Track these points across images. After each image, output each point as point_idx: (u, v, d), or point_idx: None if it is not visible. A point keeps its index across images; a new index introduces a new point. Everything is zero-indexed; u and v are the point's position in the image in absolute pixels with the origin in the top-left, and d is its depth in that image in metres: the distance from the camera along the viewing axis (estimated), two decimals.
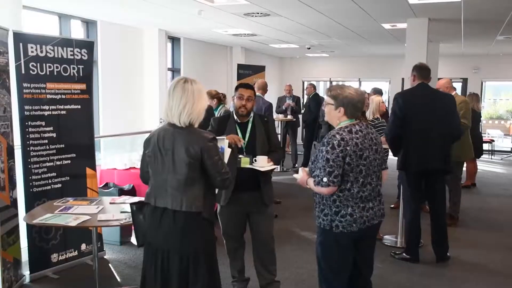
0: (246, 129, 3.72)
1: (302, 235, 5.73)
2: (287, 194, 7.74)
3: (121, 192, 5.20)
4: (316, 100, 9.86)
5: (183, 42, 10.40)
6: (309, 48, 11.98)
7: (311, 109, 9.85)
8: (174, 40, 10.37)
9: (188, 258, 2.71)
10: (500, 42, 10.20)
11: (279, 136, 8.59)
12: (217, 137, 2.90)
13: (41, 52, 4.28)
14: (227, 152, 3.23)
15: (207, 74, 11.15)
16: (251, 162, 3.61)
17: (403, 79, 11.69)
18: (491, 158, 12.65)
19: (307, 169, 3.01)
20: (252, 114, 3.76)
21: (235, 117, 3.74)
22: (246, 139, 3.69)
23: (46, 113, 4.37)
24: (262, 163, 3.60)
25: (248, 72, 11.23)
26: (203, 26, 8.52)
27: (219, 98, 6.11)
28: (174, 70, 10.42)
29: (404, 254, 4.95)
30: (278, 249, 4.88)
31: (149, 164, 2.79)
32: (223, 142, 3.22)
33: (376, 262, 3.63)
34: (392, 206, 6.83)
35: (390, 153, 5.06)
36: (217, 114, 5.81)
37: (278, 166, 9.21)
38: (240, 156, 3.61)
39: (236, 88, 3.76)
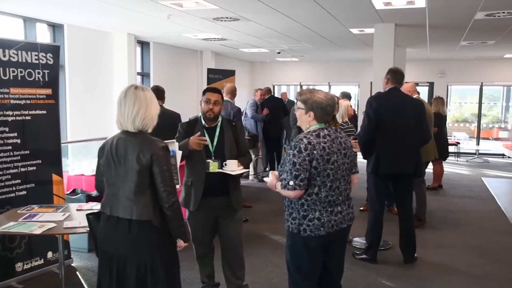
0: (214, 134, 3.71)
1: (273, 239, 5.74)
2: (258, 198, 7.75)
3: (89, 198, 5.11)
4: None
5: (153, 47, 10.33)
6: (279, 53, 12.05)
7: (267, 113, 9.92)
8: (144, 45, 10.28)
9: (146, 266, 2.69)
10: (464, 47, 10.48)
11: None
12: (166, 141, 2.90)
13: (4, 56, 4.17)
14: (179, 154, 3.22)
15: (177, 79, 11.10)
16: (220, 167, 3.60)
17: (371, 83, 11.87)
18: (457, 160, 12.95)
19: (276, 172, 3.02)
20: (220, 119, 3.75)
21: (203, 121, 3.74)
22: (215, 143, 3.69)
23: (9, 118, 4.26)
24: (233, 167, 3.60)
25: (218, 77, 11.20)
26: (172, 30, 8.47)
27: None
28: (144, 75, 10.33)
29: (363, 254, 5.03)
30: (249, 253, 4.89)
31: (103, 173, 2.77)
32: (174, 145, 3.21)
33: (346, 265, 3.67)
34: (361, 208, 6.92)
35: (360, 156, 5.13)
36: None
37: (249, 171, 9.19)
38: (208, 160, 3.61)
39: (204, 92, 3.75)
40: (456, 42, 9.74)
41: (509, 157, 13.05)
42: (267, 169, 9.86)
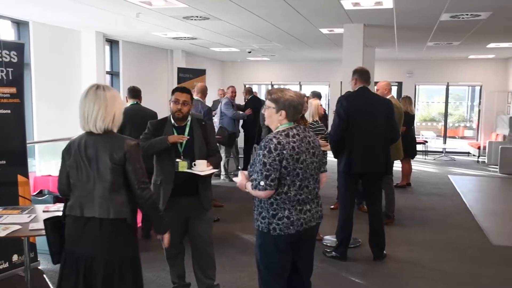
0: (183, 133, 3.70)
1: (245, 239, 5.75)
2: (230, 197, 7.74)
3: (57, 199, 5.00)
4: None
5: (122, 45, 10.18)
6: (249, 52, 12.06)
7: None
8: (113, 43, 10.12)
9: (114, 265, 2.68)
10: (430, 48, 10.70)
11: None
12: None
13: None
14: None
15: (147, 78, 10.97)
16: (190, 167, 3.59)
17: (341, 82, 12.00)
18: (425, 159, 13.22)
19: (246, 172, 3.02)
20: (189, 118, 3.74)
21: (172, 120, 3.71)
22: (184, 143, 3.67)
23: None
24: (202, 167, 3.59)
25: (188, 76, 11.13)
26: (141, 29, 8.38)
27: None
28: (113, 74, 10.18)
29: (333, 252, 5.09)
30: (220, 253, 4.88)
31: (71, 175, 2.71)
32: None
33: (316, 262, 3.70)
34: (331, 207, 6.98)
35: (330, 155, 5.18)
36: None
37: (218, 171, 9.19)
38: (177, 160, 3.58)
39: (173, 92, 3.73)
40: (423, 43, 9.94)
41: (474, 155, 13.39)
42: (240, 168, 9.86)
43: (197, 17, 7.08)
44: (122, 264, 2.70)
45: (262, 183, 2.77)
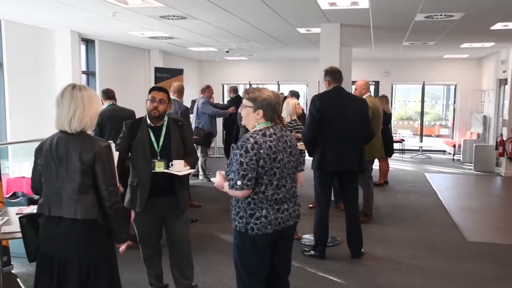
0: (160, 133, 3.66)
1: (223, 239, 5.73)
2: (208, 197, 7.71)
3: (31, 201, 4.91)
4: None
5: (98, 45, 10.03)
6: (227, 52, 12.03)
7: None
8: (89, 42, 9.97)
9: (88, 265, 2.67)
10: (406, 47, 10.82)
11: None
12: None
13: None
14: (115, 154, 3.19)
15: (124, 78, 10.85)
16: (167, 167, 3.56)
17: (319, 82, 12.06)
18: (402, 157, 13.38)
19: (223, 172, 3.01)
20: (166, 118, 3.71)
21: (148, 121, 3.67)
22: (161, 143, 3.64)
23: None
24: (179, 167, 3.57)
25: (165, 76, 11.06)
26: (118, 28, 8.27)
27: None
28: (89, 74, 10.03)
29: (312, 251, 5.11)
30: (198, 253, 4.86)
31: (42, 173, 2.71)
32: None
33: (294, 262, 3.71)
34: (310, 206, 7.00)
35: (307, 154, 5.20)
36: None
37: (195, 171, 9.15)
38: (154, 160, 3.56)
39: (149, 91, 3.70)
40: (399, 43, 10.05)
41: (449, 153, 13.61)
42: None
43: (174, 16, 7.02)
44: (96, 264, 2.69)
45: (239, 182, 2.76)
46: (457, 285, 4.47)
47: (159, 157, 3.58)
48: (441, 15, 6.72)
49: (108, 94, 5.81)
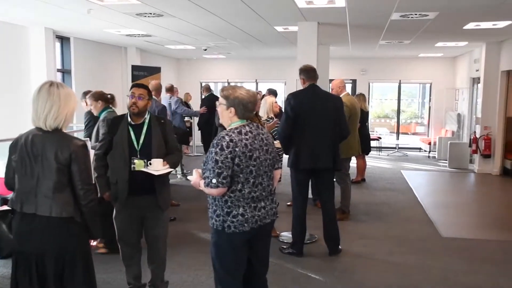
0: (141, 131, 3.62)
1: (201, 237, 5.72)
2: (186, 196, 7.68)
3: (4, 201, 4.81)
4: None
5: (74, 42, 9.88)
6: (205, 50, 11.99)
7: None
8: (64, 40, 9.82)
9: (64, 260, 2.67)
10: (383, 46, 10.95)
11: None
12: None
13: None
14: (91, 152, 3.16)
15: (100, 76, 10.72)
16: (146, 166, 3.54)
17: (297, 80, 12.12)
18: (379, 155, 13.54)
19: (200, 170, 3.01)
20: (147, 116, 3.68)
21: (129, 118, 3.64)
22: (141, 141, 3.61)
23: None
24: (157, 166, 3.54)
25: (143, 74, 10.97)
26: (93, 25, 8.17)
27: (106, 100, 5.18)
28: (65, 71, 9.88)
29: (290, 249, 5.14)
30: (176, 252, 4.86)
31: (16, 170, 2.70)
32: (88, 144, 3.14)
33: (272, 259, 3.72)
34: (288, 204, 7.03)
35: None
36: (101, 118, 4.99)
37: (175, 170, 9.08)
38: (134, 158, 3.53)
39: (130, 88, 3.69)
40: (376, 41, 10.16)
41: (425, 151, 13.82)
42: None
43: (150, 14, 6.97)
44: (72, 260, 2.69)
45: (214, 180, 2.76)
46: (432, 280, 4.55)
47: (139, 156, 3.56)
48: (416, 14, 6.82)
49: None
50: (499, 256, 5.20)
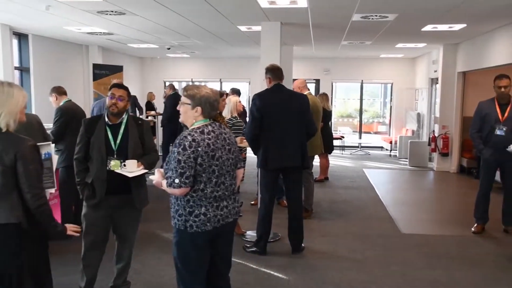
0: (118, 131, 3.60)
1: (165, 237, 5.68)
2: (148, 196, 7.57)
3: None
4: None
5: (32, 39, 9.62)
6: (169, 49, 11.90)
7: (167, 110, 9.88)
8: (21, 37, 9.55)
9: (10, 275, 2.51)
10: (345, 46, 11.13)
11: None
12: (41, 143, 2.76)
13: None
14: (55, 158, 3.09)
15: (60, 74, 10.46)
16: (121, 166, 3.51)
17: (263, 80, 12.17)
18: (342, 153, 13.76)
19: (162, 170, 2.99)
20: (125, 116, 3.65)
21: (107, 118, 3.60)
22: (118, 141, 3.58)
23: None
24: (131, 167, 3.52)
25: (104, 72, 10.79)
26: (53, 22, 7.98)
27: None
28: (23, 69, 9.61)
29: (254, 247, 5.17)
30: (140, 252, 4.82)
31: None
32: (49, 148, 3.07)
33: (235, 258, 3.74)
34: (252, 203, 7.06)
35: (250, 151, 5.24)
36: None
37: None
38: (111, 158, 3.50)
39: (109, 88, 3.66)
40: (338, 42, 10.31)
41: (386, 150, 14.13)
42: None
43: (112, 12, 6.86)
44: (20, 275, 2.54)
45: (176, 180, 2.75)
46: (391, 275, 4.66)
47: (115, 156, 3.53)
48: (376, 15, 6.97)
49: (62, 90, 5.74)
50: (455, 251, 5.38)
